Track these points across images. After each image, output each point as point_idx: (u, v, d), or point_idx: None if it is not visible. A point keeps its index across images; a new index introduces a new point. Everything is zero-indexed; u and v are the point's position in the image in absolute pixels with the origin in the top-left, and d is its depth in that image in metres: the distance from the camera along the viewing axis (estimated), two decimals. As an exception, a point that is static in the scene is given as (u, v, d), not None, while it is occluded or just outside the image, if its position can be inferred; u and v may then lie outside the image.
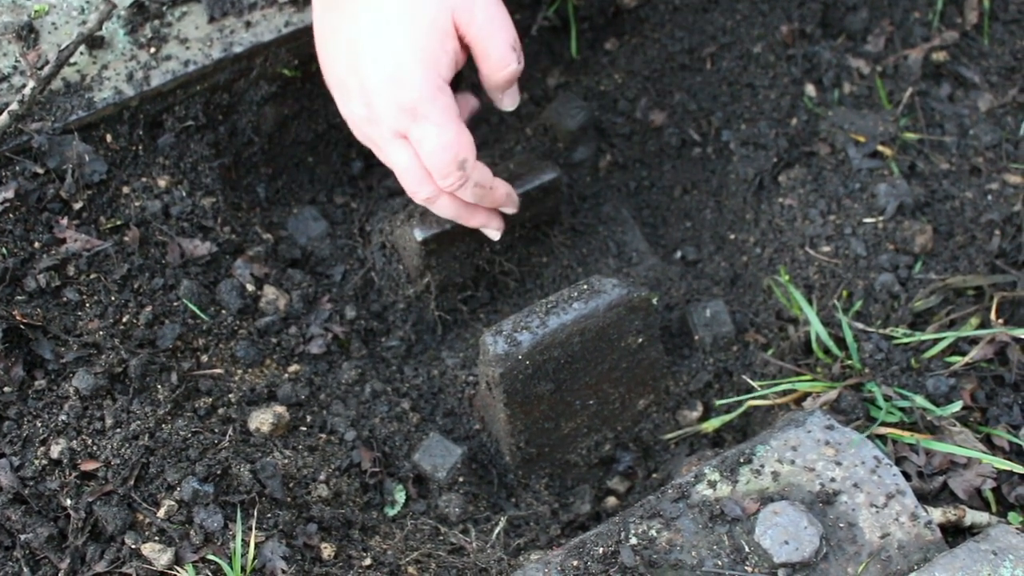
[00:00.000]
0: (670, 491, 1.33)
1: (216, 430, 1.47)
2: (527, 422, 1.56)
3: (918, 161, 1.74)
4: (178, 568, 1.33)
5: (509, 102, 1.56)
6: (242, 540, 1.35)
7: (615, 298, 1.51)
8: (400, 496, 1.55)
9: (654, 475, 1.64)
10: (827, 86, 1.83)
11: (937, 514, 1.35)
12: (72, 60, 1.59)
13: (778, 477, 1.33)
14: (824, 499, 1.31)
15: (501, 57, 1.47)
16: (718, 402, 1.64)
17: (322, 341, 1.63)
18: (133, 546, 1.34)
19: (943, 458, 1.42)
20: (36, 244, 1.52)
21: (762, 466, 1.34)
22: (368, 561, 1.42)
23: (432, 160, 1.45)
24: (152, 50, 1.62)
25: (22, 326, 1.45)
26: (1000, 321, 1.56)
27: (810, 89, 1.83)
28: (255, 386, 1.56)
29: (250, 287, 1.62)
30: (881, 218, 1.67)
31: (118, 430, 1.42)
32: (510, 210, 1.60)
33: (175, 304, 1.56)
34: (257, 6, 1.67)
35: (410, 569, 1.42)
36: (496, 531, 1.52)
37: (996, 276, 1.60)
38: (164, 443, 1.42)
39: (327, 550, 1.41)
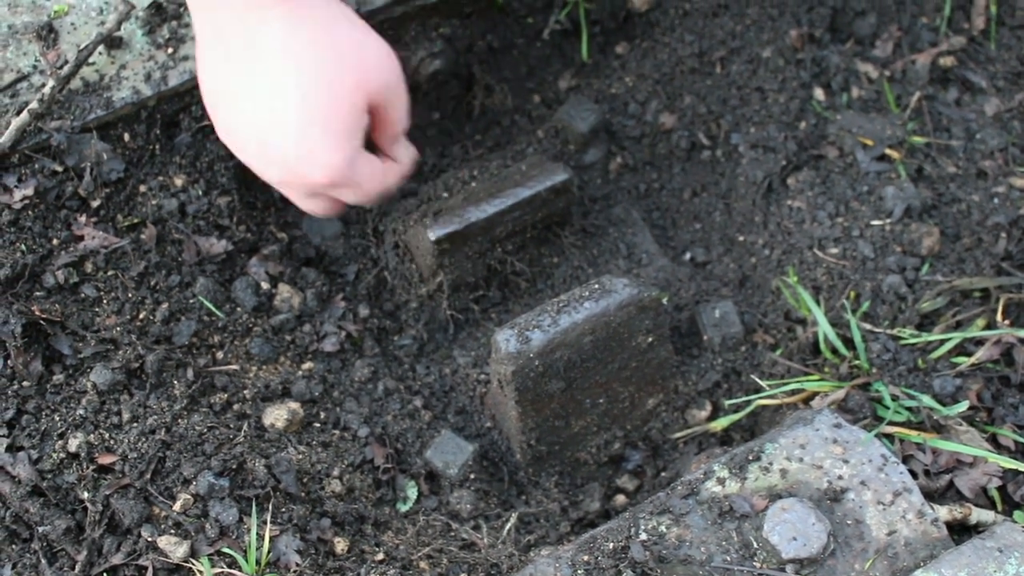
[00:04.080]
0: (680, 487, 1.34)
1: (231, 425, 1.49)
2: (538, 420, 1.57)
3: (925, 164, 1.75)
4: (194, 561, 1.35)
5: (405, 154, 1.52)
6: (257, 534, 1.37)
7: (626, 298, 1.53)
8: (412, 492, 1.56)
9: (663, 474, 1.65)
10: (835, 90, 1.84)
11: (943, 512, 1.37)
12: (91, 60, 1.61)
13: (786, 474, 1.34)
14: (832, 496, 1.32)
15: (400, 123, 1.47)
16: (727, 402, 1.66)
17: (336, 339, 1.65)
18: (149, 539, 1.36)
19: (949, 457, 1.43)
20: (55, 241, 1.53)
21: (771, 463, 1.36)
22: (381, 556, 1.43)
23: (358, 203, 1.47)
24: (170, 50, 1.64)
25: (41, 321, 1.46)
26: (1006, 322, 1.57)
27: (819, 93, 1.84)
28: (270, 383, 1.57)
29: (265, 285, 1.64)
30: (888, 220, 1.68)
31: (135, 424, 1.44)
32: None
33: (191, 301, 1.58)
34: (273, 8, 1.68)
35: (422, 564, 1.43)
36: (507, 527, 1.53)
37: (1002, 278, 1.61)
38: (180, 438, 1.44)
39: (340, 544, 1.42)
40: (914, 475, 1.40)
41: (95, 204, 1.57)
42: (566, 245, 1.77)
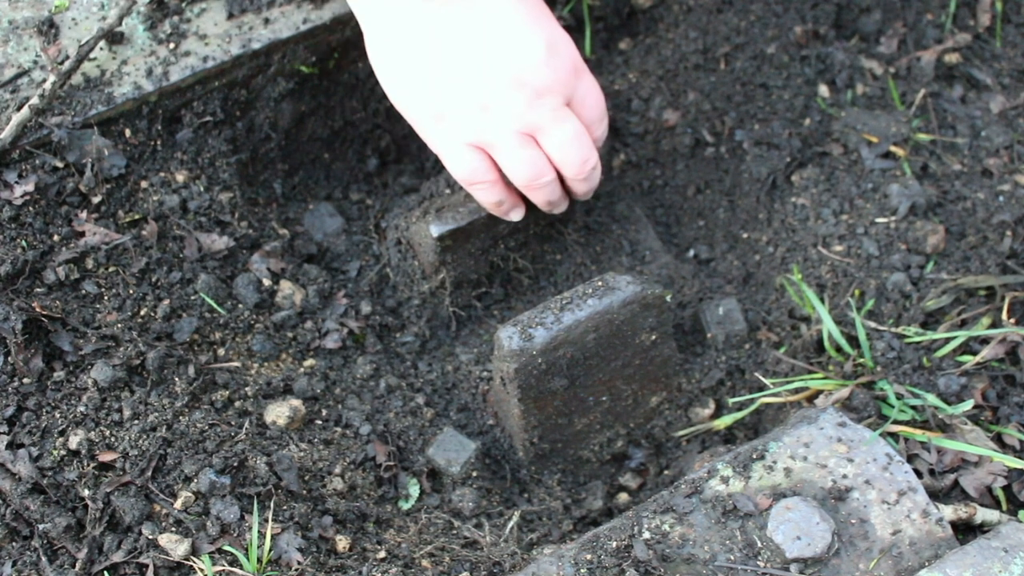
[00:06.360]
0: (683, 486, 1.34)
1: (233, 423, 1.49)
2: (540, 418, 1.57)
3: (930, 162, 1.74)
4: (195, 559, 1.34)
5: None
6: (258, 531, 1.36)
7: (629, 295, 1.52)
8: (414, 490, 1.56)
9: (666, 472, 1.64)
10: (840, 87, 1.84)
11: (948, 511, 1.36)
12: (92, 55, 1.61)
13: (791, 473, 1.34)
14: (836, 495, 1.32)
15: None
16: (730, 400, 1.65)
17: (337, 336, 1.65)
18: (150, 536, 1.36)
19: (954, 456, 1.43)
20: (55, 237, 1.53)
21: (775, 462, 1.35)
22: (382, 554, 1.43)
23: (596, 112, 1.53)
24: (171, 46, 1.64)
25: (42, 318, 1.46)
26: (1011, 321, 1.57)
27: (823, 90, 1.84)
28: (271, 380, 1.57)
29: (267, 282, 1.64)
30: (893, 218, 1.68)
31: (136, 422, 1.43)
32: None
33: (192, 298, 1.58)
34: (276, 3, 1.68)
35: (424, 562, 1.43)
36: (509, 525, 1.53)
37: (1007, 276, 1.60)
38: (181, 435, 1.43)
39: (342, 542, 1.42)
40: (919, 474, 1.40)
41: (96, 200, 1.56)
42: (569, 242, 1.76)
